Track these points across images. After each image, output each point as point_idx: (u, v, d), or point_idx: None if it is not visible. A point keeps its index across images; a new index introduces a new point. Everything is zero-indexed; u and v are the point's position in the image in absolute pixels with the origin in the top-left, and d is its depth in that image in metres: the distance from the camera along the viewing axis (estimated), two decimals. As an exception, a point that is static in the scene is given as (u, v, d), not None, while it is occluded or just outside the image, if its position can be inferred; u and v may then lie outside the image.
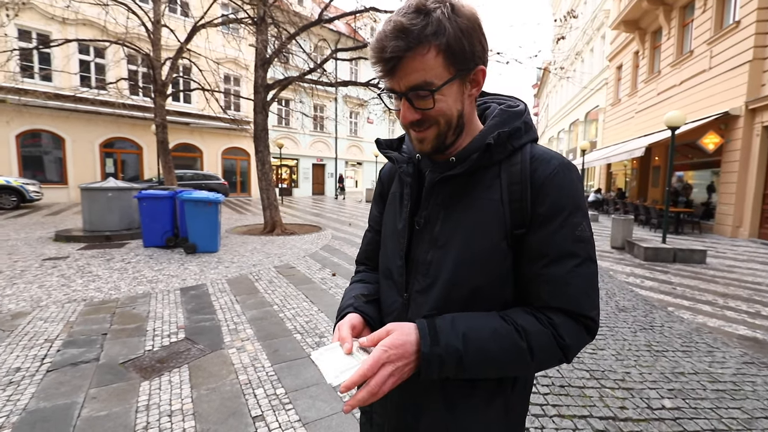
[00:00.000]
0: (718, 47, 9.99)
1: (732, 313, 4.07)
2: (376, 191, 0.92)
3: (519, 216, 0.66)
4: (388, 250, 0.79)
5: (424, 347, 0.60)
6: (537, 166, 0.66)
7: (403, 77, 0.61)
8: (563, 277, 0.63)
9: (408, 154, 0.79)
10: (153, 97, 9.89)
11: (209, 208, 6.26)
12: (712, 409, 2.30)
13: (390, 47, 0.59)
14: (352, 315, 0.73)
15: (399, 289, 0.75)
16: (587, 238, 0.65)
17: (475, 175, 0.69)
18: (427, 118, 0.64)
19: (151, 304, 3.85)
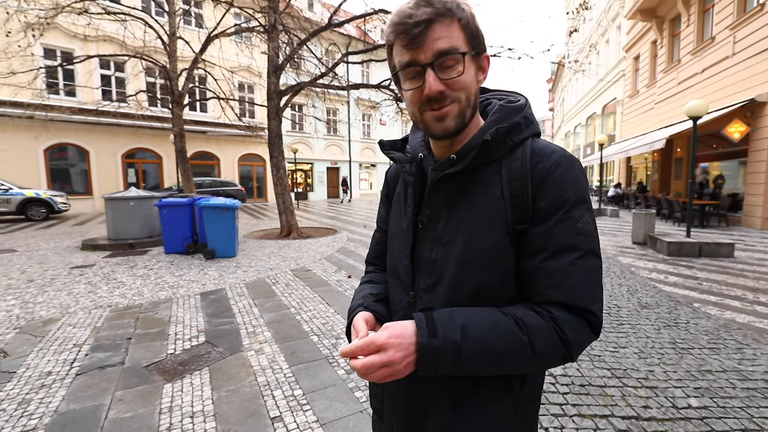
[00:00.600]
0: (742, 32, 9.61)
1: (763, 308, 3.90)
2: (383, 192, 0.94)
3: (520, 211, 0.65)
4: (395, 249, 0.80)
5: (422, 338, 0.58)
6: (537, 161, 0.66)
7: (430, 43, 0.61)
8: (564, 271, 0.62)
9: (411, 153, 0.79)
10: (171, 108, 10.19)
11: (227, 214, 6.39)
12: (742, 408, 2.21)
13: (419, 13, 0.60)
14: (363, 313, 0.74)
15: (405, 288, 0.76)
16: (590, 231, 0.64)
17: (476, 172, 0.69)
18: (452, 90, 0.64)
19: (173, 308, 3.96)
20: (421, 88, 0.64)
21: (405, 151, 0.82)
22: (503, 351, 0.60)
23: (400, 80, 0.69)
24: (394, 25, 0.63)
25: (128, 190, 7.86)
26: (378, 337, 0.58)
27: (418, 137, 0.82)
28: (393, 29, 0.63)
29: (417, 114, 0.68)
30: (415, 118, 0.70)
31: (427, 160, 0.76)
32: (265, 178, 21.21)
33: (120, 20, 9.20)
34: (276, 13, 8.23)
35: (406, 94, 0.68)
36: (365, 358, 0.57)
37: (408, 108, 0.70)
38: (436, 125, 0.66)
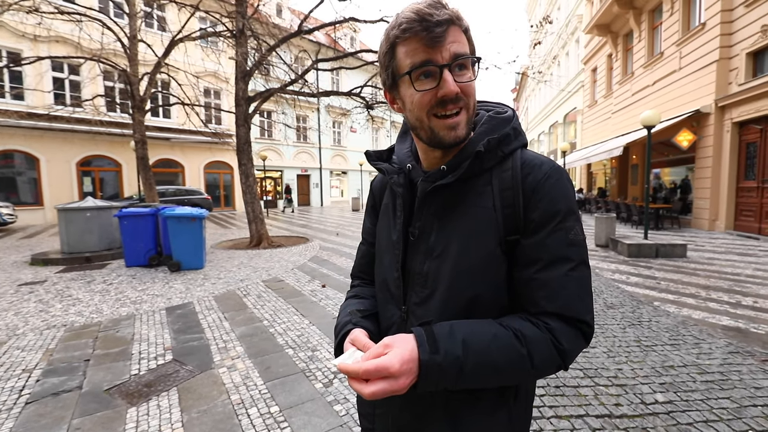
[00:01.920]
0: (687, 48, 10.40)
1: (715, 305, 4.17)
2: (368, 204, 0.91)
3: (512, 222, 0.65)
4: (384, 262, 0.78)
5: (423, 355, 0.57)
6: (528, 172, 0.66)
7: (448, 45, 0.61)
8: (558, 282, 0.62)
9: (398, 164, 0.78)
10: (131, 113, 9.71)
11: (193, 224, 6.14)
12: (702, 400, 2.34)
13: (441, 13, 0.60)
14: (355, 330, 0.70)
15: (397, 302, 0.74)
16: (580, 242, 0.65)
17: (467, 183, 0.68)
18: (464, 95, 0.63)
19: (136, 325, 3.73)
20: (435, 89, 0.62)
21: (391, 162, 0.80)
22: (503, 364, 0.59)
23: (404, 83, 0.66)
24: (412, 22, 0.60)
25: (84, 200, 7.39)
26: (391, 364, 0.55)
27: (404, 147, 0.81)
28: (409, 26, 0.61)
29: (424, 119, 0.65)
30: (419, 124, 0.67)
31: (416, 171, 0.74)
32: (232, 186, 20.61)
33: (75, 21, 8.71)
34: (244, 18, 8.07)
35: (414, 96, 0.64)
36: (375, 386, 0.55)
37: (412, 113, 0.67)
38: (448, 133, 0.65)
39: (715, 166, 9.65)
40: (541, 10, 26.81)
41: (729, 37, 9.16)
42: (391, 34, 0.64)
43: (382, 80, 0.71)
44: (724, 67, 9.27)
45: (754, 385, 2.50)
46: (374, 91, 10.45)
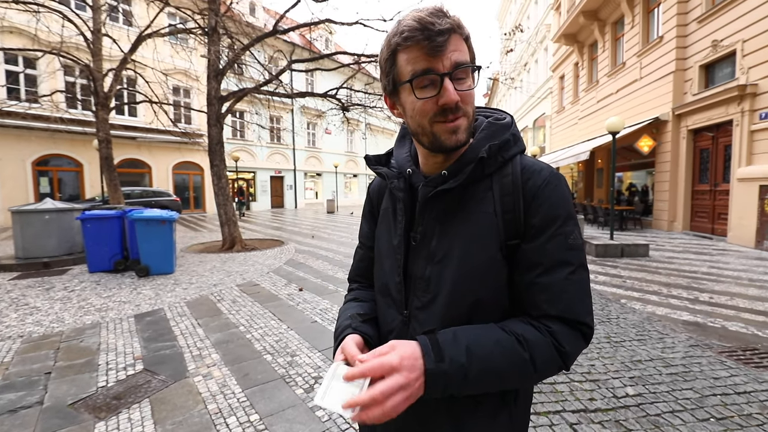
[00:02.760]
0: (647, 59, 11.01)
1: (675, 301, 4.42)
2: (366, 208, 0.91)
3: (513, 227, 0.66)
4: (385, 266, 0.77)
5: (429, 364, 0.58)
6: (528, 177, 0.68)
7: (449, 54, 0.62)
8: (559, 285, 0.64)
9: (398, 169, 0.78)
10: (95, 111, 9.22)
11: (163, 227, 5.90)
12: (668, 392, 2.47)
13: (442, 22, 0.61)
14: (352, 336, 0.71)
15: (398, 307, 0.74)
16: (579, 246, 0.66)
17: (468, 189, 0.69)
18: (463, 103, 0.64)
19: (102, 334, 3.54)
20: (436, 97, 0.63)
21: (390, 166, 0.80)
22: (507, 369, 0.60)
23: (404, 90, 0.66)
24: (414, 31, 0.61)
25: (43, 202, 6.95)
26: (390, 359, 0.56)
27: (403, 152, 0.81)
28: (411, 34, 0.61)
29: (426, 126, 0.66)
30: (420, 130, 0.67)
31: (416, 176, 0.75)
32: (202, 187, 19.96)
33: (32, 11, 8.19)
34: (217, 16, 7.86)
35: (415, 104, 0.65)
36: (383, 383, 0.54)
37: (413, 119, 0.67)
38: (449, 137, 0.65)
39: (673, 170, 10.25)
40: (511, 18, 27.66)
41: (684, 50, 9.78)
42: (392, 41, 0.64)
43: (383, 85, 0.71)
44: (680, 78, 9.88)
45: (713, 376, 2.67)
46: (349, 93, 10.43)
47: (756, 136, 7.80)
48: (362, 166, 32.53)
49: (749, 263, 6.40)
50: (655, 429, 2.09)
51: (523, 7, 24.54)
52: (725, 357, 2.98)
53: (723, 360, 2.92)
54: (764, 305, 4.21)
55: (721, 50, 8.58)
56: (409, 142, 0.82)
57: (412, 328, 0.71)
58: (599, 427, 2.12)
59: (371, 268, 0.86)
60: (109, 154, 9.15)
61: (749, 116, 7.87)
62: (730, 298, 4.47)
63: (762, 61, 7.55)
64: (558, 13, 17.23)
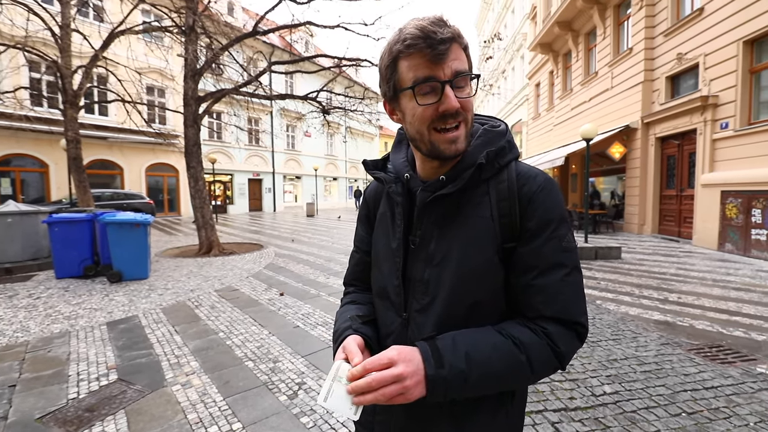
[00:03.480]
0: (617, 69, 11.49)
1: (647, 301, 4.61)
2: (362, 212, 0.92)
3: (509, 231, 0.69)
4: (384, 270, 0.78)
5: (429, 370, 0.59)
6: (524, 183, 0.70)
7: (450, 62, 0.64)
8: (554, 287, 0.66)
9: (395, 173, 0.79)
10: (62, 109, 8.83)
11: (137, 231, 5.69)
12: (643, 389, 2.57)
13: (444, 31, 0.63)
14: (353, 336, 0.71)
15: (397, 309, 0.74)
16: (573, 248, 0.69)
17: (466, 194, 0.71)
18: (463, 110, 0.66)
19: (72, 344, 3.37)
20: (437, 104, 0.64)
21: (387, 171, 0.81)
22: (505, 372, 0.63)
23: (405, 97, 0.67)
24: (417, 39, 0.62)
25: (5, 204, 6.58)
26: (388, 353, 0.59)
27: (400, 156, 0.82)
28: (413, 42, 0.62)
29: (425, 132, 0.67)
30: (419, 136, 0.69)
31: (414, 180, 0.76)
32: (177, 189, 19.40)
33: (-7, 4, 7.78)
34: (195, 14, 7.69)
35: (416, 110, 0.66)
36: (378, 373, 0.57)
37: (412, 125, 0.68)
38: (448, 147, 0.67)
39: (642, 176, 10.70)
40: (489, 26, 28.32)
41: (651, 61, 10.26)
42: (394, 49, 0.65)
43: (383, 91, 0.72)
44: (648, 88, 10.35)
45: (684, 372, 2.80)
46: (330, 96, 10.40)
47: (717, 145, 8.26)
48: (342, 170, 32.43)
49: (713, 264, 6.74)
50: (632, 425, 2.16)
51: (500, 16, 25.17)
52: (694, 354, 3.12)
53: (692, 357, 3.06)
54: (727, 304, 4.44)
55: (686, 63, 9.05)
56: (406, 147, 0.83)
57: (411, 330, 0.72)
58: (579, 425, 2.18)
59: (367, 272, 0.87)
60: (78, 154, 8.76)
61: (711, 126, 8.33)
62: (697, 298, 4.70)
63: (722, 74, 8.01)
64: (534, 23, 17.76)
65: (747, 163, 7.49)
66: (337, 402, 0.58)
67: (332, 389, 0.60)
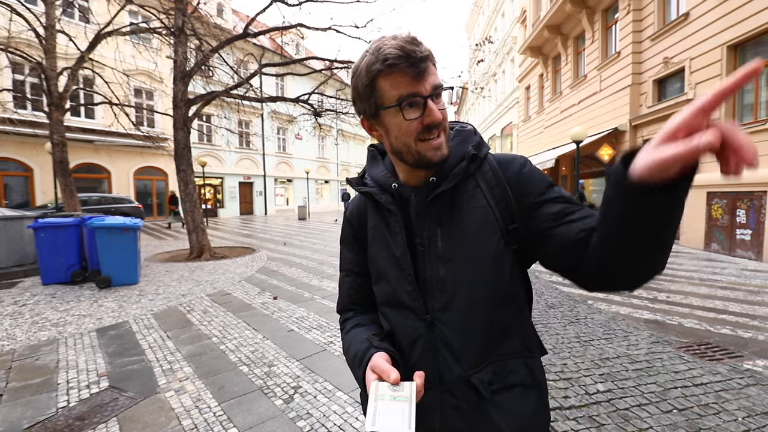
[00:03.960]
0: (606, 73, 11.68)
1: (637, 301, 4.68)
2: (347, 233, 0.91)
3: (507, 213, 0.73)
4: (392, 279, 0.78)
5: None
6: (506, 168, 0.77)
7: (427, 78, 0.68)
8: (580, 213, 0.69)
9: (378, 186, 0.81)
10: (47, 112, 8.66)
11: (126, 235, 5.60)
12: (635, 387, 2.61)
13: (420, 49, 0.67)
14: (378, 354, 0.71)
15: (418, 314, 0.75)
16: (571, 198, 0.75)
17: (458, 189, 0.75)
18: (442, 120, 0.70)
19: (61, 351, 3.31)
20: (421, 117, 0.68)
21: (368, 186, 0.83)
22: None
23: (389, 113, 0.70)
24: (398, 58, 0.65)
25: (-12, 209, 6.43)
26: None
27: (379, 170, 0.83)
28: (396, 62, 0.65)
29: (411, 144, 0.70)
30: (405, 149, 0.71)
31: (402, 188, 0.78)
32: (166, 193, 19.14)
33: (-25, 4, 7.61)
34: (184, 16, 7.62)
35: (402, 125, 0.69)
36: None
37: (398, 139, 0.71)
38: (435, 153, 0.71)
39: (630, 177, 10.86)
40: (479, 29, 28.58)
41: (639, 65, 10.46)
42: (373, 69, 0.67)
43: (361, 109, 0.75)
44: (636, 91, 10.54)
45: (674, 370, 2.85)
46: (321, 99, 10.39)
47: (702, 146, 8.43)
48: (334, 173, 32.36)
49: (700, 264, 6.88)
50: (625, 422, 2.20)
51: (490, 20, 25.43)
52: (683, 352, 3.18)
53: (681, 355, 3.12)
54: (714, 303, 4.54)
55: (672, 67, 9.25)
56: (381, 161, 0.86)
57: (438, 331, 0.73)
58: (574, 423, 2.20)
59: (364, 293, 0.87)
60: (64, 157, 8.60)
61: (696, 128, 8.50)
62: (685, 297, 4.79)
63: (707, 77, 8.20)
64: (524, 27, 17.99)
65: (731, 165, 7.66)
66: (387, 420, 0.57)
67: (378, 410, 0.59)
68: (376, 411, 0.58)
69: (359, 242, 0.88)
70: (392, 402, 0.58)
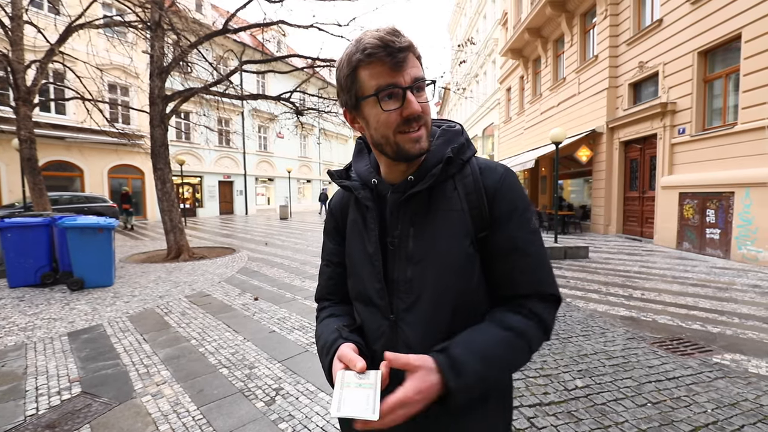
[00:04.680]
0: (584, 75, 11.99)
1: (613, 298, 4.82)
2: (329, 225, 0.91)
3: (479, 221, 0.73)
4: (363, 275, 0.78)
5: (451, 381, 0.62)
6: (487, 176, 0.75)
7: (408, 69, 0.67)
8: (531, 266, 0.72)
9: (360, 180, 0.80)
10: (14, 107, 8.27)
11: (100, 236, 5.41)
12: (611, 382, 2.69)
13: (400, 40, 0.66)
14: (346, 344, 0.70)
15: (383, 312, 0.75)
16: (538, 229, 0.76)
17: (435, 191, 0.74)
18: (423, 113, 0.69)
19: (29, 356, 3.16)
20: (400, 109, 0.67)
21: (352, 179, 0.83)
22: (513, 361, 0.69)
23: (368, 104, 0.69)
24: (376, 48, 0.64)
25: (-51, 209, 6.09)
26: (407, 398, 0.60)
27: (363, 164, 0.83)
28: (373, 51, 0.65)
29: (390, 136, 0.69)
30: (384, 141, 0.71)
31: (381, 185, 0.78)
32: (143, 192, 18.60)
33: (-64, -8, 7.21)
34: (161, 10, 7.40)
35: (380, 116, 0.68)
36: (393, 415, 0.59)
37: (377, 131, 0.70)
38: (413, 146, 0.70)
39: (608, 178, 11.21)
40: (461, 30, 28.88)
41: (615, 69, 10.78)
42: (353, 59, 0.67)
43: (343, 101, 0.74)
44: (613, 94, 10.87)
45: (648, 365, 2.94)
46: (303, 97, 10.27)
47: (676, 149, 8.77)
48: (316, 172, 32.11)
49: (672, 262, 7.14)
50: (602, 416, 2.25)
51: (472, 21, 25.73)
52: (657, 347, 3.29)
53: (655, 350, 3.23)
54: (686, 299, 4.71)
55: (647, 71, 9.57)
56: (367, 155, 0.85)
57: (401, 331, 0.73)
58: (554, 419, 2.24)
59: (341, 285, 0.87)
60: (33, 155, 8.23)
61: (670, 131, 8.84)
62: (658, 294, 4.96)
63: (679, 82, 8.52)
64: (505, 29, 18.26)
65: (702, 167, 7.99)
66: (352, 407, 0.57)
67: (343, 397, 0.59)
68: (341, 398, 0.59)
69: (341, 234, 0.88)
70: (357, 389, 0.59)
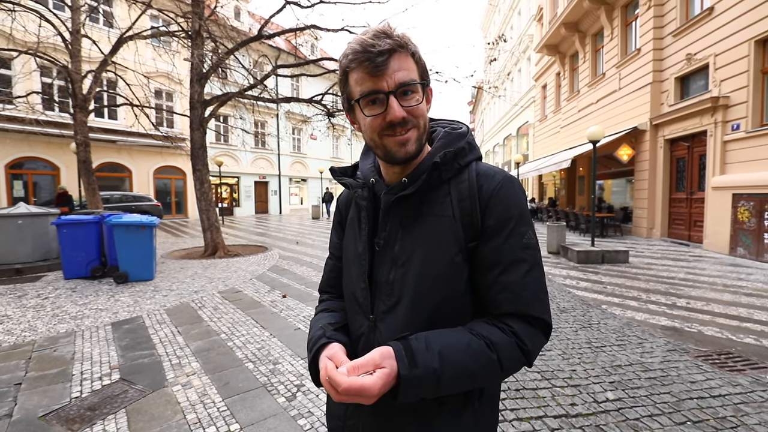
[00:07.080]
0: (625, 70, 11.37)
1: (654, 306, 4.53)
2: (335, 219, 0.93)
3: (471, 230, 0.69)
4: (352, 274, 0.79)
5: (403, 369, 0.59)
6: (483, 182, 0.71)
7: (391, 74, 0.65)
8: (517, 284, 0.67)
9: (362, 179, 0.80)
10: (72, 113, 8.99)
11: (143, 233, 5.76)
12: (647, 396, 2.52)
13: (382, 43, 0.64)
14: (332, 345, 0.70)
15: (365, 312, 0.75)
16: (534, 245, 0.70)
17: (428, 194, 0.72)
18: (412, 117, 0.67)
19: (77, 343, 3.42)
20: (383, 114, 0.66)
21: (356, 177, 0.83)
22: (476, 371, 0.63)
23: (357, 108, 0.70)
24: (356, 53, 0.65)
25: (16, 206, 6.71)
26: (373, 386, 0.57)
27: (368, 163, 0.83)
28: (354, 57, 0.65)
29: (376, 139, 0.69)
30: (373, 143, 0.71)
31: (379, 185, 0.77)
32: (185, 192, 19.59)
33: (6, 10, 7.96)
34: (201, 19, 7.78)
35: (365, 121, 0.69)
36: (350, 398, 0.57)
37: (366, 134, 0.71)
38: (399, 149, 0.69)
39: (651, 178, 10.56)
40: (495, 28, 28.25)
41: (660, 62, 10.14)
42: (342, 63, 0.68)
43: (342, 103, 0.75)
44: (657, 89, 10.23)
45: (690, 380, 2.74)
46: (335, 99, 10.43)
47: (728, 147, 8.12)
48: (348, 172, 32.46)
49: (724, 269, 6.61)
50: (635, 432, 2.12)
51: (506, 18, 25.10)
52: (701, 361, 3.06)
53: (699, 364, 3.00)
54: (738, 310, 4.35)
55: (695, 63, 8.93)
56: (373, 155, 0.85)
57: (378, 332, 0.72)
58: (580, 431, 2.14)
59: (340, 278, 0.87)
60: (88, 157, 8.92)
61: (722, 127, 8.19)
62: (706, 304, 4.61)
63: (733, 74, 7.88)
64: (540, 24, 17.67)
65: (759, 166, 7.35)
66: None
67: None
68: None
69: (343, 229, 0.89)
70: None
